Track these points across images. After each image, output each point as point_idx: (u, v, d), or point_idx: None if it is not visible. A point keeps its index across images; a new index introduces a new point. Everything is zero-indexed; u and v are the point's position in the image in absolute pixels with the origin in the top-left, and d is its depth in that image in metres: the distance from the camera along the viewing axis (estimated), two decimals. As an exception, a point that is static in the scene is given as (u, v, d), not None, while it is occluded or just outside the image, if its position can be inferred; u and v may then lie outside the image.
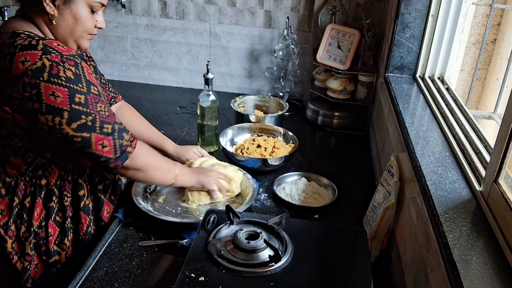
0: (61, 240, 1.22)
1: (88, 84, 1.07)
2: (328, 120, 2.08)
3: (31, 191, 1.17)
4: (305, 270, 0.96)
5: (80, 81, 1.06)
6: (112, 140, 1.11)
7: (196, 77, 2.52)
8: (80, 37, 1.16)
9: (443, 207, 0.89)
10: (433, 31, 1.62)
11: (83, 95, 1.05)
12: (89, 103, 1.06)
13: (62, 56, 1.04)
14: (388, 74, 1.73)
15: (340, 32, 2.03)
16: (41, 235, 1.18)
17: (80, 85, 1.05)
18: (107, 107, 1.12)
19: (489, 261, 0.75)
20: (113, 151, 1.12)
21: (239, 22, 2.35)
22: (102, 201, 1.29)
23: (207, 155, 1.59)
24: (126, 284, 1.09)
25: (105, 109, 1.11)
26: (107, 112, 1.11)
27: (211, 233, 1.06)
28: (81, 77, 1.06)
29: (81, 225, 1.25)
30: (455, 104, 1.39)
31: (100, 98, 1.10)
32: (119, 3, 2.37)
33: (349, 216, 1.43)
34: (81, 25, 1.13)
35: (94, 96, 1.08)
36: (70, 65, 1.04)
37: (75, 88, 1.04)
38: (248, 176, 1.51)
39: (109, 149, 1.11)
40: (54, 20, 1.11)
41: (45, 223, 1.19)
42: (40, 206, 1.18)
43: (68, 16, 1.11)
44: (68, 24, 1.12)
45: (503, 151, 0.86)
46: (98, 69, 1.43)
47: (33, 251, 1.18)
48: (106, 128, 1.10)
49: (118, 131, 1.13)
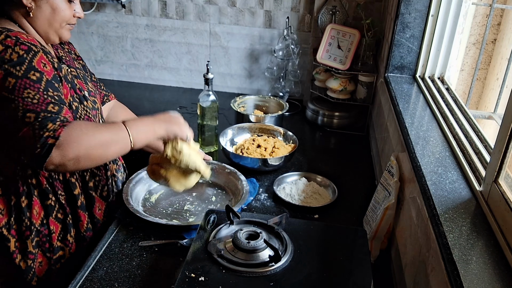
0: (64, 236, 1.23)
1: (29, 69, 1.02)
2: (328, 120, 2.08)
3: (24, 191, 1.17)
4: (305, 270, 0.96)
5: (21, 64, 1.01)
6: (32, 130, 0.97)
7: (196, 77, 2.52)
8: (59, 27, 1.17)
9: (443, 207, 0.89)
10: (433, 31, 1.62)
11: (14, 79, 1.00)
12: (16, 88, 1.00)
13: (17, 40, 1.03)
14: (388, 74, 1.73)
15: (340, 32, 2.03)
16: (44, 233, 1.19)
17: (17, 68, 1.01)
18: (40, 94, 1.01)
19: (489, 261, 0.75)
20: (33, 144, 0.96)
21: (239, 22, 2.35)
22: (93, 198, 1.29)
23: (205, 156, 1.58)
24: (126, 284, 1.09)
25: (35, 96, 1.00)
26: (35, 100, 1.00)
27: (211, 233, 1.06)
28: (24, 61, 1.02)
29: (81, 222, 1.26)
30: (455, 104, 1.39)
31: (36, 85, 1.02)
32: (119, 3, 2.37)
33: (349, 216, 1.43)
34: (59, 15, 1.14)
35: (26, 81, 1.01)
36: (21, 48, 1.03)
37: (10, 70, 1.00)
38: (242, 178, 1.48)
39: (30, 142, 0.97)
40: (32, 13, 1.12)
41: (46, 220, 1.19)
42: (38, 204, 1.18)
43: (46, 7, 1.12)
44: (46, 15, 1.13)
45: (503, 151, 0.86)
46: (87, 68, 1.44)
47: (36, 249, 1.18)
48: (28, 118, 0.98)
49: (42, 119, 0.98)
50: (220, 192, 1.50)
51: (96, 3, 2.40)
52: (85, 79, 1.33)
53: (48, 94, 1.03)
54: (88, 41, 2.52)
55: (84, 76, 1.35)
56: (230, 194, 1.48)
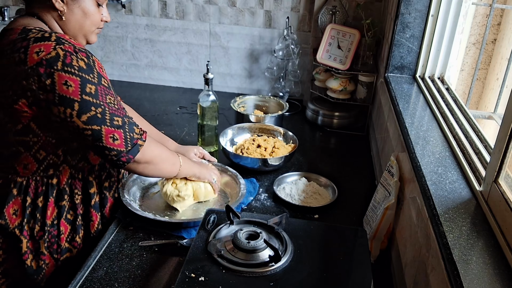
0: (73, 237, 1.23)
1: (99, 76, 1.10)
2: (328, 120, 2.08)
3: (43, 191, 1.17)
4: (305, 270, 0.96)
5: (92, 71, 1.08)
6: (123, 133, 1.12)
7: (196, 77, 2.52)
8: (89, 31, 1.20)
9: (443, 207, 0.89)
10: (433, 31, 1.62)
11: (94, 86, 1.07)
12: (99, 94, 1.08)
13: (75, 47, 1.07)
14: (388, 74, 1.73)
15: (340, 32, 2.03)
16: (53, 234, 1.19)
17: (91, 75, 1.07)
18: (116, 100, 1.14)
19: (489, 261, 0.75)
20: (124, 144, 1.12)
21: (239, 22, 2.35)
22: (107, 198, 1.30)
23: (207, 155, 1.59)
24: (126, 284, 1.09)
25: (115, 102, 1.12)
26: (116, 105, 1.12)
27: (211, 233, 1.06)
28: (92, 68, 1.08)
29: (92, 222, 1.26)
30: (455, 104, 1.39)
31: (110, 91, 1.12)
32: (119, 3, 2.37)
33: (349, 216, 1.43)
34: (89, 19, 1.17)
35: (104, 88, 1.10)
36: (82, 56, 1.07)
37: (86, 77, 1.06)
38: (242, 181, 1.49)
39: (120, 142, 1.12)
40: (64, 16, 1.14)
41: (57, 221, 1.19)
42: (52, 205, 1.18)
43: (77, 11, 1.15)
44: (77, 18, 1.16)
45: (503, 151, 0.86)
46: None
47: (47, 250, 1.19)
48: (117, 121, 1.11)
49: (129, 124, 1.14)
50: (218, 193, 1.50)
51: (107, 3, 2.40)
52: None
53: (117, 99, 1.16)
54: (88, 41, 2.52)
55: None
56: (228, 196, 1.48)
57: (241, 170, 1.55)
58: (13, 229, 1.15)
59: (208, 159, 1.58)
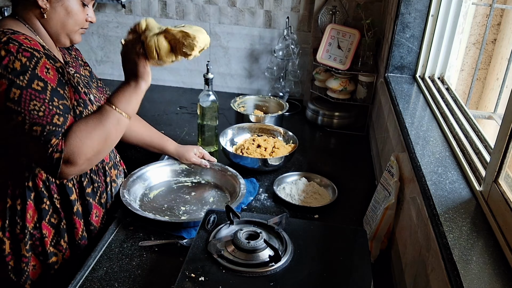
0: (57, 241, 1.22)
1: (32, 78, 1.01)
2: (328, 120, 2.08)
3: (21, 193, 1.15)
4: (305, 270, 0.96)
5: (24, 73, 1.01)
6: (38, 145, 1.01)
7: (196, 77, 2.52)
8: (72, 30, 1.17)
9: (443, 207, 0.89)
10: (433, 31, 1.62)
11: (19, 90, 1.00)
12: (22, 100, 1.00)
13: (20, 47, 1.02)
14: (388, 74, 1.73)
15: (340, 32, 2.03)
16: (37, 236, 1.18)
17: (21, 78, 1.00)
18: (46, 105, 1.02)
19: (489, 261, 0.75)
20: (44, 158, 1.01)
21: (239, 22, 2.35)
22: (91, 204, 1.26)
23: (207, 155, 1.59)
24: (126, 284, 1.09)
25: (41, 108, 1.01)
26: (41, 112, 1.01)
27: (211, 233, 1.06)
28: (27, 69, 1.01)
29: (76, 230, 1.24)
30: (455, 104, 1.39)
31: (41, 95, 1.02)
32: (119, 3, 2.37)
33: (349, 216, 1.43)
34: (72, 18, 1.15)
35: (32, 92, 1.01)
36: (24, 56, 1.02)
37: (14, 80, 1.00)
38: (242, 181, 1.48)
39: (38, 156, 1.02)
40: (46, 14, 1.12)
41: (39, 224, 1.18)
42: (32, 207, 1.17)
43: (60, 9, 1.13)
44: (60, 17, 1.13)
45: (503, 151, 0.86)
46: (94, 74, 1.42)
47: (29, 252, 1.18)
48: (35, 131, 1.01)
49: (47, 133, 1.01)
50: (218, 193, 1.50)
51: (96, 3, 2.40)
52: (90, 86, 1.32)
53: (53, 104, 1.04)
54: (88, 41, 2.52)
55: (89, 82, 1.34)
56: (228, 196, 1.48)
57: (241, 170, 1.55)
58: None
59: (208, 159, 1.58)
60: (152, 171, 1.52)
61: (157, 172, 1.53)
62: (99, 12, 2.44)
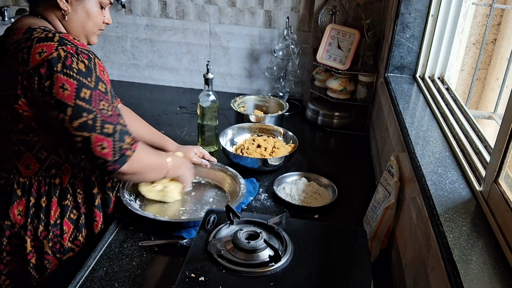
0: (75, 236, 1.23)
1: (97, 80, 1.08)
2: (328, 120, 2.08)
3: (46, 190, 1.17)
4: (305, 270, 0.96)
5: (90, 75, 1.07)
6: (112, 141, 1.10)
7: (196, 77, 2.52)
8: (90, 32, 1.20)
9: (443, 207, 0.89)
10: (433, 31, 1.62)
11: (90, 90, 1.06)
12: (92, 100, 1.07)
13: (77, 49, 1.07)
14: (388, 74, 1.73)
15: (340, 32, 2.03)
16: (56, 233, 1.19)
17: (89, 79, 1.06)
18: (111, 106, 1.12)
19: (489, 261, 0.75)
20: (111, 154, 1.10)
21: (239, 22, 2.35)
22: (110, 198, 1.31)
23: (207, 155, 1.59)
24: (126, 284, 1.09)
25: (109, 108, 1.10)
26: (110, 112, 1.10)
27: (211, 233, 1.06)
28: (92, 71, 1.07)
29: (95, 222, 1.26)
30: (455, 104, 1.39)
31: (106, 96, 1.10)
32: (119, 3, 2.37)
33: (349, 216, 1.43)
34: (92, 20, 1.18)
35: (99, 93, 1.08)
36: (84, 58, 1.07)
37: (83, 81, 1.05)
38: (242, 181, 1.48)
39: (108, 151, 1.10)
40: (67, 16, 1.15)
41: (60, 221, 1.19)
42: (55, 205, 1.18)
43: (81, 11, 1.16)
44: (80, 19, 1.17)
45: (503, 151, 0.86)
46: None
47: (50, 249, 1.19)
48: (107, 129, 1.09)
49: (120, 132, 1.12)
50: (218, 193, 1.50)
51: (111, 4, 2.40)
52: None
53: (114, 105, 1.13)
54: (88, 41, 2.52)
55: None
56: (228, 196, 1.48)
57: (241, 170, 1.55)
58: (18, 230, 1.15)
59: (208, 159, 1.58)
60: None
61: (157, 172, 1.53)
62: (99, 12, 2.44)
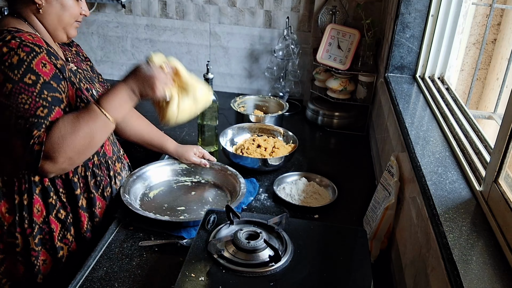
0: (64, 235, 1.24)
1: (26, 72, 1.04)
2: (328, 120, 2.08)
3: (27, 188, 1.17)
4: (305, 270, 0.96)
5: (19, 67, 1.03)
6: (21, 138, 1.04)
7: (196, 77, 2.52)
8: (68, 24, 1.19)
9: (443, 207, 0.89)
10: (433, 31, 1.62)
11: (11, 84, 1.03)
12: (12, 94, 1.03)
13: (21, 43, 1.05)
14: (388, 74, 1.73)
15: (340, 32, 2.03)
16: (46, 231, 1.21)
17: (15, 71, 1.03)
18: (33, 98, 1.03)
19: (489, 261, 0.75)
20: (23, 152, 1.04)
21: (239, 22, 2.35)
22: (94, 197, 1.29)
23: (207, 155, 1.59)
24: (126, 284, 1.09)
25: (27, 101, 1.03)
26: (26, 105, 1.03)
27: (211, 233, 1.06)
28: (23, 64, 1.04)
29: (81, 223, 1.26)
30: (455, 104, 1.39)
31: (30, 89, 1.04)
32: (119, 3, 2.37)
33: (349, 216, 1.43)
34: (68, 12, 1.18)
35: (22, 86, 1.03)
36: (24, 50, 1.05)
37: (9, 75, 1.03)
38: (242, 181, 1.48)
39: (21, 150, 1.05)
40: (42, 9, 1.15)
41: (47, 219, 1.20)
42: (39, 202, 1.19)
43: (55, 4, 1.16)
44: (55, 11, 1.16)
45: (503, 151, 0.86)
46: (95, 69, 1.44)
47: (39, 246, 1.20)
48: (19, 124, 1.04)
49: (30, 125, 1.03)
50: (218, 193, 1.50)
51: (96, 3, 2.40)
52: (92, 80, 1.34)
53: (41, 97, 1.05)
54: (88, 41, 2.52)
55: (92, 77, 1.36)
56: (228, 196, 1.48)
57: (241, 170, 1.55)
58: (8, 228, 1.17)
59: (208, 158, 1.58)
60: (152, 171, 1.52)
61: (157, 172, 1.53)
62: (99, 12, 2.44)
